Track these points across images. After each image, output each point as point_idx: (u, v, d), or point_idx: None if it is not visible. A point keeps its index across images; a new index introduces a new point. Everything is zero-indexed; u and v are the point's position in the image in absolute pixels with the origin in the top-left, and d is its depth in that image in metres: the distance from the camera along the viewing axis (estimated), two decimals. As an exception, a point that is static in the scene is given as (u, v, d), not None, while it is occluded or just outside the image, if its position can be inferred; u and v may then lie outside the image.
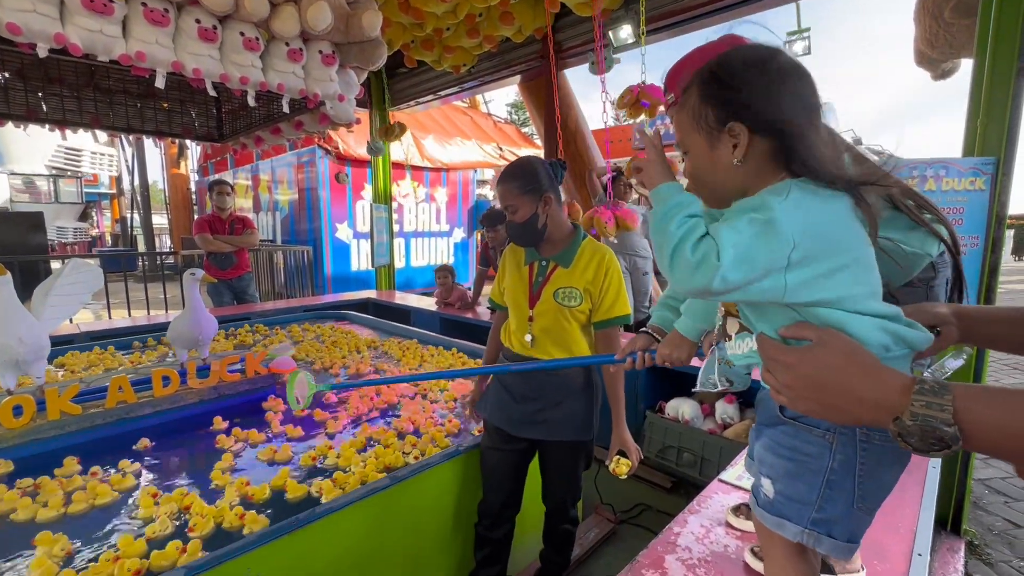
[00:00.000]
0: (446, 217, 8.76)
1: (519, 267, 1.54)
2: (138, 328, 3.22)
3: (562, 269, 1.46)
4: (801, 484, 0.63)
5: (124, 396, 1.81)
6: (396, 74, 4.91)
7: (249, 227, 4.14)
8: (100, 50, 1.66)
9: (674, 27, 3.02)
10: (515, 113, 19.95)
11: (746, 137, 0.61)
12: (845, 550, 0.62)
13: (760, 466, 0.68)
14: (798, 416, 0.64)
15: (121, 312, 5.13)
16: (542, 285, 1.47)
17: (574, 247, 1.47)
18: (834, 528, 0.61)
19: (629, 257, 3.78)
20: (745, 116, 0.61)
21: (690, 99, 0.66)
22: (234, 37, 1.86)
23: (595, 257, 1.46)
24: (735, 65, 0.63)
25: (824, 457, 0.61)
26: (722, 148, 0.63)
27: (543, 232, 1.45)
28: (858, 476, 0.61)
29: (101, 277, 1.97)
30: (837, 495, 0.61)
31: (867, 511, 0.62)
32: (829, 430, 0.61)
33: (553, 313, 1.45)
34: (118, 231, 16.21)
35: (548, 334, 1.47)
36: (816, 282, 0.57)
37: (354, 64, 2.27)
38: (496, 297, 1.65)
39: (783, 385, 0.59)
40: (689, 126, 0.66)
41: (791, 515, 0.63)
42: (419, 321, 3.96)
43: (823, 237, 0.57)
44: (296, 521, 1.19)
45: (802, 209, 0.57)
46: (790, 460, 0.64)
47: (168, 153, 11.77)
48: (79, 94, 2.81)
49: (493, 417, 1.57)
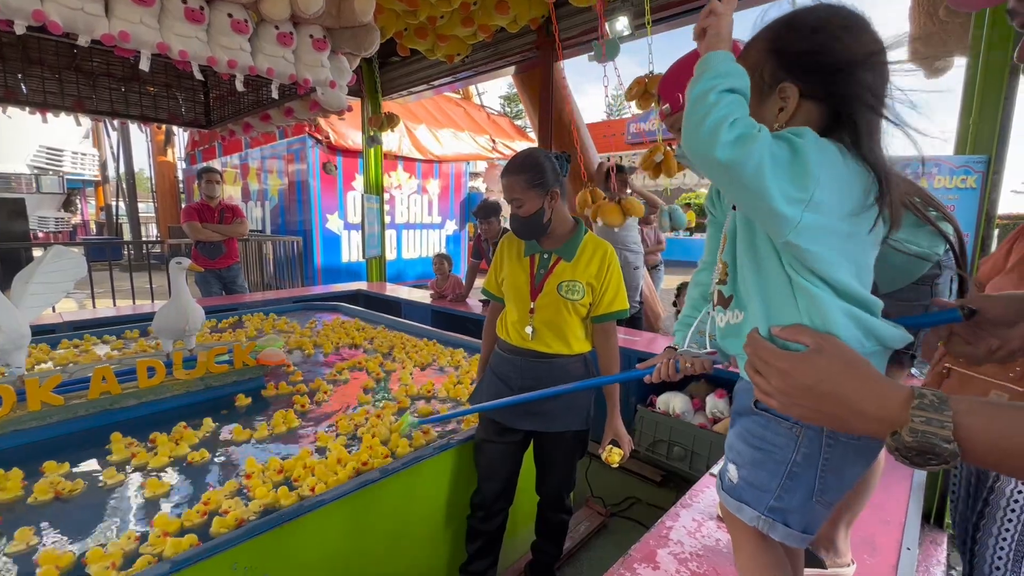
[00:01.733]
0: (438, 209, 8.70)
1: (519, 258, 1.53)
2: (122, 318, 3.16)
3: (565, 263, 1.46)
4: (764, 472, 0.64)
5: (108, 387, 1.77)
6: (389, 63, 4.83)
7: (239, 216, 4.07)
8: (81, 29, 1.60)
9: (672, 19, 3.00)
10: (508, 106, 19.82)
11: (795, 101, 0.61)
12: (798, 539, 0.62)
13: (729, 451, 0.69)
14: (769, 407, 0.64)
15: (106, 302, 5.04)
16: (544, 277, 1.47)
17: (576, 241, 1.48)
18: (789, 517, 0.62)
19: (620, 251, 3.76)
20: (801, 78, 0.60)
21: (751, 51, 0.64)
22: (222, 18, 1.81)
23: (598, 252, 1.47)
24: (807, 25, 0.61)
25: (789, 449, 0.62)
26: (768, 108, 0.62)
27: (547, 227, 1.45)
28: (820, 470, 0.61)
29: (84, 265, 1.93)
30: (797, 486, 0.62)
31: (825, 504, 0.63)
32: (797, 424, 0.62)
33: (555, 306, 1.46)
34: (103, 219, 15.90)
35: (548, 326, 1.48)
36: (823, 235, 0.56)
37: (346, 50, 2.22)
38: (492, 288, 1.62)
39: (776, 390, 0.58)
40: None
41: (750, 500, 0.65)
42: (410, 313, 3.93)
43: (841, 194, 0.57)
44: (284, 515, 1.17)
45: (829, 159, 0.56)
46: (757, 449, 0.65)
47: (154, 140, 11.52)
48: (60, 76, 2.73)
49: (489, 412, 1.55)
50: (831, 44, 0.59)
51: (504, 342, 1.57)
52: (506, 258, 1.56)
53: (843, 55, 0.58)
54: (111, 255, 5.85)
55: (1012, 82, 1.97)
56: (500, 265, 1.58)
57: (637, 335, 2.97)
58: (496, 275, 1.59)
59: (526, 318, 1.49)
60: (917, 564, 1.89)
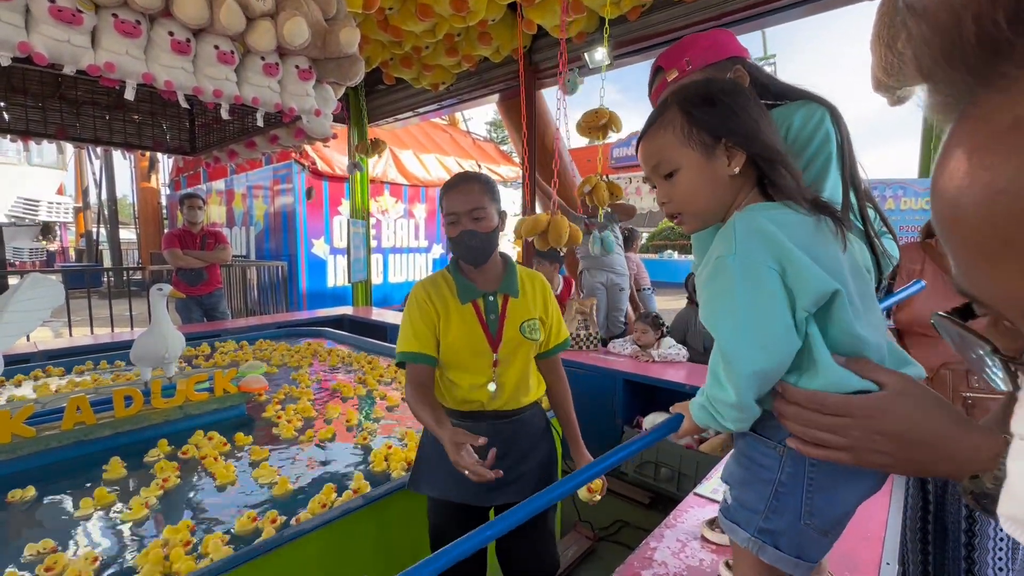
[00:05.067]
0: (424, 233, 8.74)
1: (455, 309, 1.25)
2: (99, 346, 3.09)
3: (514, 300, 1.28)
4: (752, 492, 0.63)
5: (83, 417, 1.72)
6: (375, 91, 4.92)
7: (221, 242, 4.05)
8: (67, 60, 1.62)
9: (644, 51, 3.12)
10: (494, 131, 20.18)
11: (739, 151, 0.64)
12: (792, 565, 0.60)
13: (724, 473, 0.69)
14: (755, 427, 0.63)
15: (83, 330, 4.93)
16: (499, 322, 1.26)
17: (512, 274, 1.30)
18: (780, 540, 0.61)
19: (606, 274, 3.83)
20: (733, 136, 0.64)
21: (675, 119, 0.66)
22: (208, 50, 1.84)
23: (536, 282, 1.34)
24: (719, 90, 0.66)
25: (774, 469, 0.61)
26: (718, 160, 0.65)
27: (494, 251, 1.27)
28: (806, 491, 0.60)
29: (62, 293, 1.90)
30: (784, 507, 0.61)
31: (816, 529, 0.60)
32: (781, 443, 0.60)
33: (523, 352, 1.28)
34: (83, 246, 15.69)
35: (514, 378, 1.28)
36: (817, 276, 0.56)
37: (331, 80, 2.27)
38: (428, 347, 1.24)
39: (855, 441, 0.53)
40: (677, 143, 0.66)
41: (741, 521, 0.64)
42: (396, 337, 3.90)
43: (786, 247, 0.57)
44: (264, 544, 1.14)
45: (754, 232, 0.58)
46: (746, 469, 0.65)
47: (138, 166, 11.46)
48: (44, 104, 2.73)
49: (448, 492, 1.27)
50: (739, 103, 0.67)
51: (455, 410, 1.29)
52: (437, 309, 1.25)
53: (746, 109, 0.66)
54: (90, 282, 5.74)
55: (968, 109, 2.08)
56: (429, 319, 1.25)
57: (622, 356, 2.99)
58: (429, 331, 1.25)
59: (487, 374, 1.25)
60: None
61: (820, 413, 0.54)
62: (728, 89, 0.67)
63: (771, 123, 0.66)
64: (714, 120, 0.64)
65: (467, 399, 1.27)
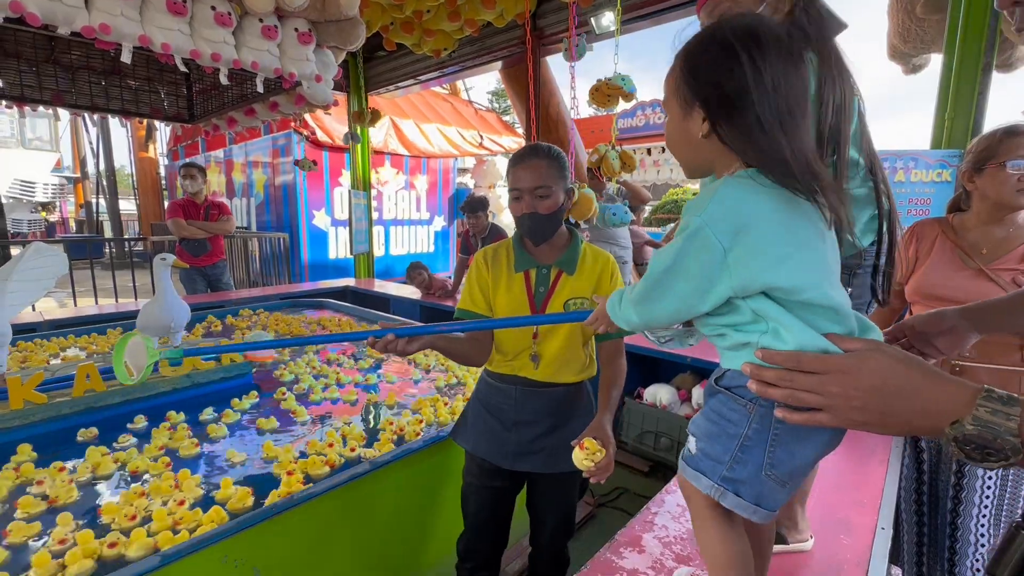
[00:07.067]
0: (426, 205, 8.66)
1: (508, 275, 1.28)
2: (105, 316, 3.12)
3: (567, 276, 1.25)
4: (718, 445, 0.66)
5: (92, 384, 1.75)
6: (375, 57, 4.80)
7: (225, 213, 4.02)
8: (60, 21, 1.57)
9: (654, 16, 3.02)
10: (496, 101, 19.77)
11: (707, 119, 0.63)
12: (751, 511, 0.65)
13: (691, 426, 0.72)
14: (731, 387, 0.66)
15: (87, 300, 4.96)
16: (547, 296, 1.25)
17: (575, 251, 1.27)
18: (741, 488, 0.65)
19: (609, 246, 3.81)
20: (706, 104, 0.62)
21: (675, 68, 0.65)
22: (205, 11, 1.79)
23: (598, 262, 1.28)
24: (713, 45, 0.61)
25: (742, 424, 0.65)
26: (692, 121, 0.64)
27: (557, 230, 1.25)
28: (769, 445, 0.63)
29: (66, 262, 1.90)
30: (748, 459, 0.64)
31: (776, 480, 0.64)
32: (752, 401, 0.64)
33: (564, 328, 1.25)
34: (83, 217, 15.65)
35: (555, 352, 1.26)
36: (760, 268, 0.58)
37: (331, 44, 2.21)
38: (479, 307, 1.30)
39: (837, 398, 0.55)
40: (669, 92, 0.67)
41: (706, 470, 0.67)
42: (399, 309, 3.93)
43: (754, 226, 0.58)
44: (274, 507, 1.17)
45: (729, 205, 0.60)
46: (715, 423, 0.68)
47: (136, 135, 11.29)
48: (38, 69, 2.68)
49: (478, 448, 1.33)
50: (723, 65, 0.62)
51: (496, 375, 1.32)
52: (490, 276, 1.29)
53: (731, 72, 0.61)
54: (92, 253, 5.73)
55: (985, 79, 2.02)
56: (482, 282, 1.30)
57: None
58: (482, 293, 1.30)
59: (528, 345, 1.26)
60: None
61: (799, 372, 0.57)
62: (728, 42, 0.59)
63: (780, 87, 0.58)
64: (696, 80, 0.63)
65: (509, 364, 1.29)
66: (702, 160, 0.67)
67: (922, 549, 1.46)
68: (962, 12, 2.02)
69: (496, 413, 1.31)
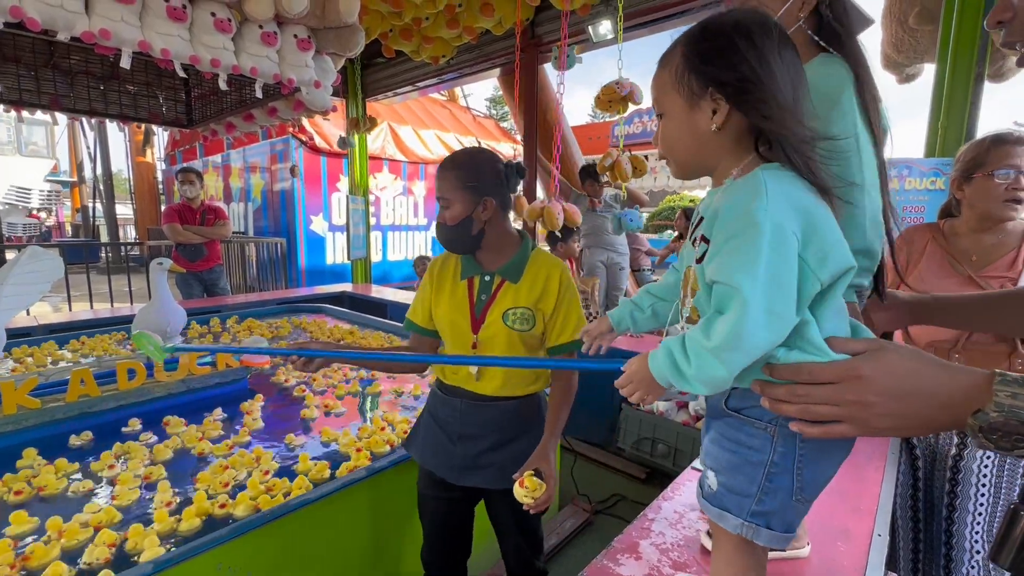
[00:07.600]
0: (424, 211, 8.68)
1: (453, 282, 1.24)
2: (101, 320, 3.10)
3: (510, 285, 1.20)
4: (742, 477, 0.61)
5: (86, 390, 1.74)
6: (374, 64, 4.82)
7: (221, 218, 4.02)
8: (60, 26, 1.58)
9: (653, 24, 3.05)
10: (494, 108, 19.88)
11: (727, 106, 0.57)
12: (782, 540, 0.60)
13: (706, 457, 0.66)
14: (741, 408, 0.62)
15: (83, 304, 4.93)
16: (487, 305, 1.20)
17: (522, 259, 1.21)
18: (772, 520, 0.60)
19: (606, 252, 3.83)
20: (724, 88, 0.57)
21: (674, 56, 0.61)
22: (204, 17, 1.80)
23: (544, 270, 1.21)
24: (725, 29, 0.57)
25: (765, 450, 0.59)
26: (701, 113, 0.59)
27: (478, 240, 1.19)
28: (797, 466, 0.59)
29: (62, 266, 1.89)
30: (777, 487, 0.59)
31: (804, 502, 0.61)
32: (771, 422, 0.59)
33: (503, 339, 1.19)
34: (79, 221, 15.61)
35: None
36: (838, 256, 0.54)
37: (331, 50, 2.22)
38: (418, 318, 1.29)
39: (855, 404, 0.52)
40: (669, 84, 0.61)
41: (732, 507, 0.61)
42: (396, 314, 3.92)
43: (812, 212, 0.55)
44: (268, 514, 1.17)
45: (785, 196, 0.54)
46: (733, 453, 0.62)
47: (133, 140, 11.29)
48: (37, 74, 2.68)
49: (425, 460, 1.30)
50: (740, 47, 0.58)
51: (442, 384, 1.28)
52: (436, 282, 1.26)
53: (750, 55, 0.58)
54: (88, 257, 5.72)
55: (977, 88, 2.05)
56: (430, 290, 1.27)
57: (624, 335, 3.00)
58: (424, 302, 1.28)
59: (468, 355, 1.22)
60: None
61: (812, 384, 0.53)
62: (743, 26, 0.57)
63: (792, 81, 0.57)
64: (707, 65, 0.57)
65: (454, 375, 1.24)
66: (706, 156, 0.62)
67: (918, 555, 1.46)
68: (953, 24, 2.05)
69: (443, 425, 1.26)
